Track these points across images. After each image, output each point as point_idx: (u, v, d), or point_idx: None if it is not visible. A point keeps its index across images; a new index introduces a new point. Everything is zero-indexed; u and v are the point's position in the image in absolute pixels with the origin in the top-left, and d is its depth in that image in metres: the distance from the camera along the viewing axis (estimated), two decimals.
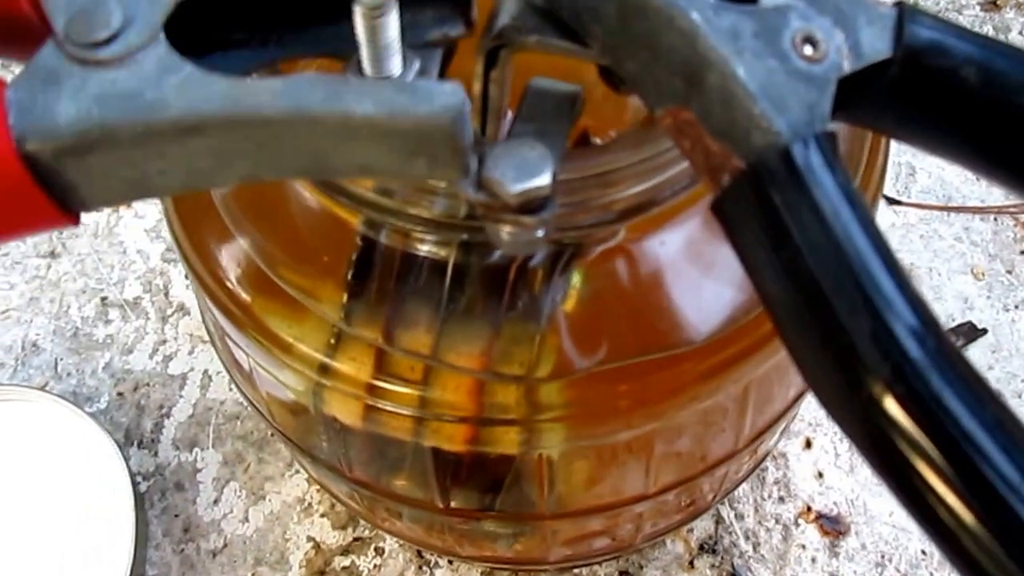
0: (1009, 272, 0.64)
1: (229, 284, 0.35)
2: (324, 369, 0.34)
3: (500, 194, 0.24)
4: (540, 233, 0.26)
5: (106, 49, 0.21)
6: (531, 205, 0.25)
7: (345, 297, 0.34)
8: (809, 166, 0.20)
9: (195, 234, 0.36)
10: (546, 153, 0.25)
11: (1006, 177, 0.23)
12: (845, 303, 0.19)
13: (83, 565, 0.52)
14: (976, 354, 0.61)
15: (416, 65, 0.23)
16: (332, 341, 0.34)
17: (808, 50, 0.21)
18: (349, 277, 0.33)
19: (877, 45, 0.22)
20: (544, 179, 0.25)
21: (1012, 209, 0.66)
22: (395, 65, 0.22)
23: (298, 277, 0.34)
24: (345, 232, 0.33)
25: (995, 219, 0.65)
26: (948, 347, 0.19)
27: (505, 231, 0.26)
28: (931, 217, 0.65)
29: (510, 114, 0.28)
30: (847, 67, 0.21)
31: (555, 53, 0.26)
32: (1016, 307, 0.62)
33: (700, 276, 0.35)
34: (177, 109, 0.21)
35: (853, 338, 0.19)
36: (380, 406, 0.34)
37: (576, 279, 0.33)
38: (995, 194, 0.66)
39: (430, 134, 0.21)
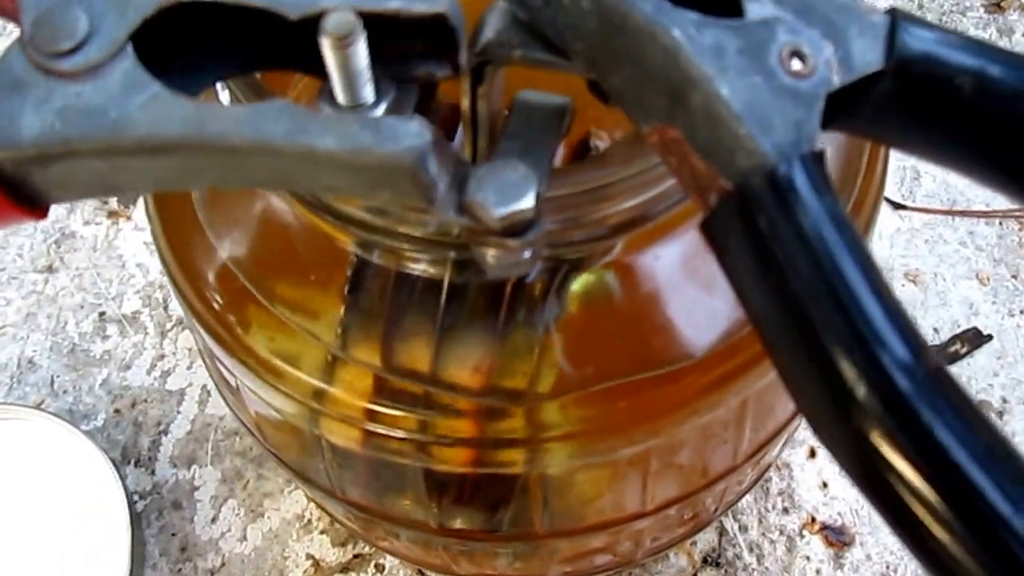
0: (1014, 277, 0.63)
1: (218, 307, 0.35)
2: (320, 395, 0.33)
3: (483, 218, 0.24)
4: (527, 255, 0.25)
5: (71, 60, 0.21)
6: (515, 228, 0.24)
7: (340, 319, 0.33)
8: (794, 189, 0.19)
9: (183, 255, 0.35)
10: (529, 174, 0.24)
11: (1005, 184, 0.22)
12: (832, 331, 0.19)
13: None
14: (981, 360, 0.60)
15: (391, 95, 0.23)
16: (327, 365, 0.33)
17: (796, 65, 0.20)
18: (344, 298, 0.33)
19: (868, 57, 0.21)
20: (527, 202, 0.24)
21: (1017, 213, 0.65)
22: (367, 94, 0.22)
23: (289, 299, 0.34)
24: (336, 251, 0.32)
25: (1000, 223, 0.65)
26: (938, 375, 0.18)
27: (490, 254, 0.25)
28: (936, 222, 0.65)
29: None
30: (837, 81, 0.21)
31: (541, 68, 0.25)
32: (1021, 312, 0.62)
33: (697, 290, 0.34)
34: (141, 130, 0.20)
35: (840, 368, 0.19)
36: (379, 431, 0.34)
37: (573, 295, 0.33)
38: (1000, 198, 0.65)
39: (392, 172, 0.21)
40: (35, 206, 0.22)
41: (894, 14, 0.21)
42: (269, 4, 0.22)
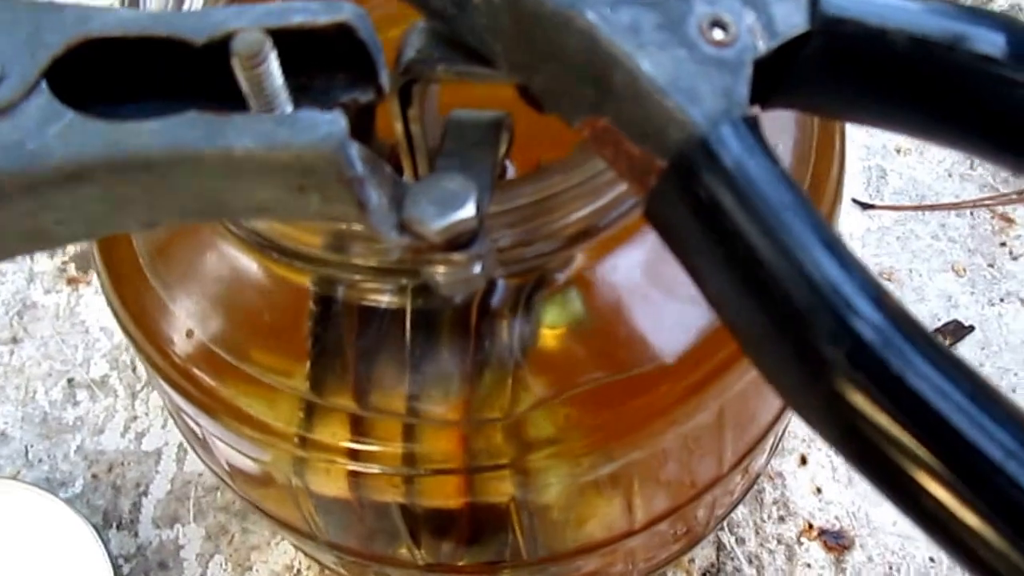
0: (991, 266, 0.63)
1: (180, 362, 0.34)
2: (300, 442, 0.32)
3: (423, 233, 0.23)
4: (476, 270, 0.25)
5: None
6: (459, 240, 0.24)
7: (308, 364, 0.32)
8: (730, 153, 0.19)
9: (137, 313, 0.34)
10: (468, 184, 0.24)
11: (948, 135, 0.22)
12: (789, 292, 0.18)
13: None
14: (965, 351, 0.59)
15: None
16: (303, 410, 0.32)
17: (717, 34, 0.20)
18: (309, 342, 0.32)
19: (792, 20, 0.20)
20: (467, 211, 0.23)
21: (988, 202, 0.65)
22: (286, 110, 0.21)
23: (253, 348, 0.33)
24: (295, 294, 0.32)
25: (971, 214, 0.64)
26: (903, 322, 0.18)
27: (438, 272, 0.25)
28: (906, 218, 0.64)
29: None
30: (762, 46, 0.20)
31: (468, 80, 0.25)
32: (1001, 300, 0.61)
33: (663, 297, 0.33)
34: (58, 157, 0.20)
35: (804, 329, 0.18)
36: (363, 470, 0.33)
37: (541, 314, 0.32)
38: (969, 189, 0.65)
39: (313, 166, 0.20)
40: None
41: None
42: (172, 32, 0.21)
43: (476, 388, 0.31)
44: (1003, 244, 0.63)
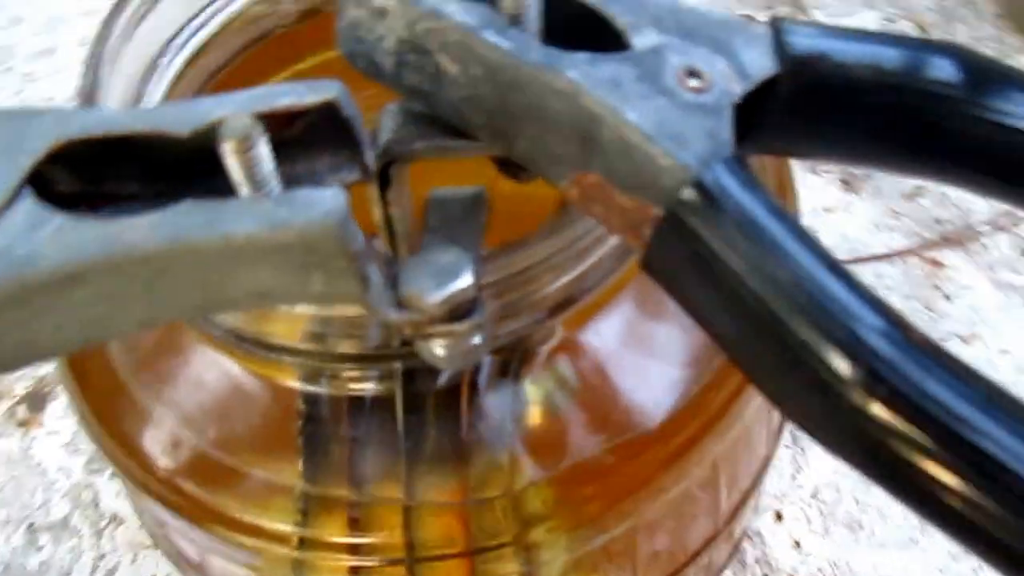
0: (928, 308, 0.64)
1: (166, 475, 0.33)
2: (300, 543, 0.32)
3: (423, 307, 0.23)
4: (477, 340, 0.25)
5: None
6: (459, 311, 0.24)
7: (301, 463, 0.32)
8: (724, 191, 0.19)
9: (114, 427, 0.34)
10: (461, 254, 0.24)
11: (922, 165, 0.23)
12: (802, 319, 0.19)
13: None
14: None
15: None
16: (299, 513, 0.32)
17: (693, 82, 0.21)
18: (299, 439, 0.32)
19: (761, 63, 0.21)
20: (465, 280, 0.24)
21: (917, 249, 0.67)
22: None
23: (244, 454, 0.32)
24: (281, 393, 0.32)
25: (904, 261, 0.66)
26: (916, 336, 0.18)
27: (439, 346, 0.25)
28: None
29: None
30: (738, 90, 0.21)
31: (447, 155, 0.25)
32: (944, 340, 0.63)
33: (644, 360, 0.34)
34: (52, 260, 0.20)
35: (820, 353, 0.18)
36: (367, 564, 0.32)
37: (529, 387, 0.32)
38: (896, 238, 0.67)
39: (316, 243, 0.20)
40: None
41: (774, 21, 0.22)
42: (156, 128, 0.22)
43: (473, 467, 0.31)
44: (936, 287, 0.65)
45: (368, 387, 0.31)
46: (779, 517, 0.57)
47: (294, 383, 0.31)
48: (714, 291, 0.20)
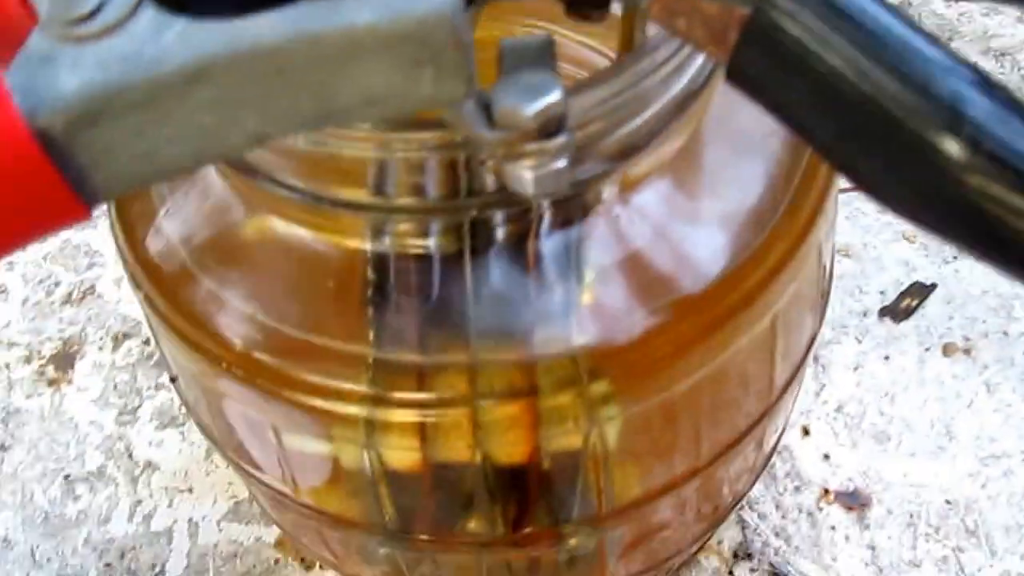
0: None
1: (241, 349, 0.33)
2: (372, 402, 0.32)
3: (517, 122, 0.24)
4: (562, 164, 0.25)
5: (93, 23, 0.21)
6: (549, 127, 0.25)
7: (370, 323, 0.33)
8: None
9: (186, 308, 0.34)
10: (548, 74, 0.25)
11: None
12: (905, 85, 0.19)
13: None
14: (934, 310, 0.62)
15: None
16: (370, 374, 0.33)
17: None
18: (368, 301, 0.32)
19: None
20: (556, 95, 0.24)
21: None
22: None
23: (316, 321, 0.33)
24: (348, 257, 0.32)
25: None
26: (1008, 98, 0.19)
27: (527, 168, 0.25)
28: (849, 199, 0.67)
29: None
30: None
31: None
32: (955, 258, 0.64)
33: (700, 218, 0.34)
34: (179, 58, 0.20)
35: (923, 114, 0.19)
36: (436, 420, 0.33)
37: (589, 243, 0.33)
38: None
39: (431, 33, 0.21)
40: (82, 198, 0.21)
41: None
42: None
43: (536, 324, 0.32)
44: None
45: (431, 243, 0.31)
46: (806, 432, 0.58)
47: (361, 243, 0.32)
48: (810, 81, 0.20)
